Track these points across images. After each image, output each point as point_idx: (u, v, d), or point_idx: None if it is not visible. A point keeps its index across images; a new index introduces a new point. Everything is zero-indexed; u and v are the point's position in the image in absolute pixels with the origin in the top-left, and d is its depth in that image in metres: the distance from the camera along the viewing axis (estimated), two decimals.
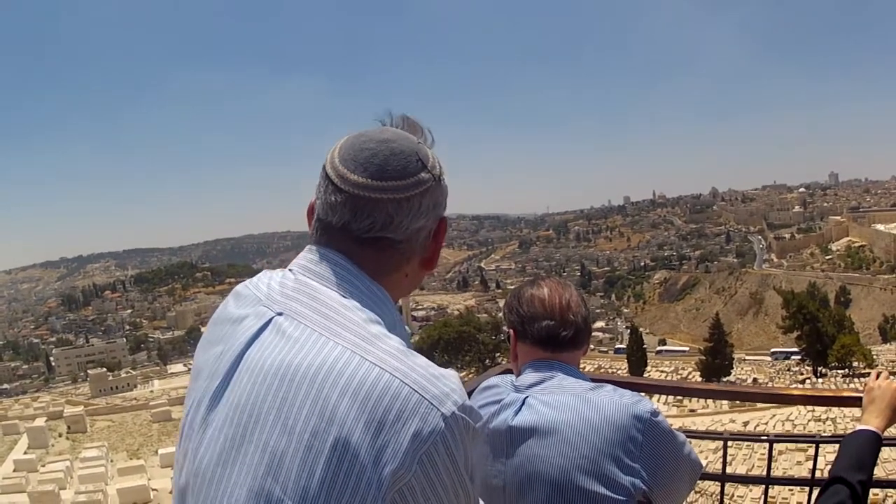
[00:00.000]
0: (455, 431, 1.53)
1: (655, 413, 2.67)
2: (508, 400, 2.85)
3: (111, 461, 46.61)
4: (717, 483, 4.05)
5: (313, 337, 1.65)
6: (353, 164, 1.83)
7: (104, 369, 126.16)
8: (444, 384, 1.56)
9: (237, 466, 1.58)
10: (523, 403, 2.78)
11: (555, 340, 2.89)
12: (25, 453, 48.63)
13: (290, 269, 1.90)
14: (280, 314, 1.72)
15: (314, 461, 1.50)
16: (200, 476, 1.65)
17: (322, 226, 1.88)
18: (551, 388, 2.79)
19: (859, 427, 3.00)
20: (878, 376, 3.20)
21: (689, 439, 2.94)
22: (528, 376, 2.87)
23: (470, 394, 3.22)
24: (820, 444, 3.84)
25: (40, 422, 56.58)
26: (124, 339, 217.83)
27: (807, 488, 3.73)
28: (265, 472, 1.54)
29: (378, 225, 1.82)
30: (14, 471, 43.47)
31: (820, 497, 2.84)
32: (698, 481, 3.13)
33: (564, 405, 2.70)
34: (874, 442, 2.92)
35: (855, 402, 3.30)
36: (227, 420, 1.64)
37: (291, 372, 1.60)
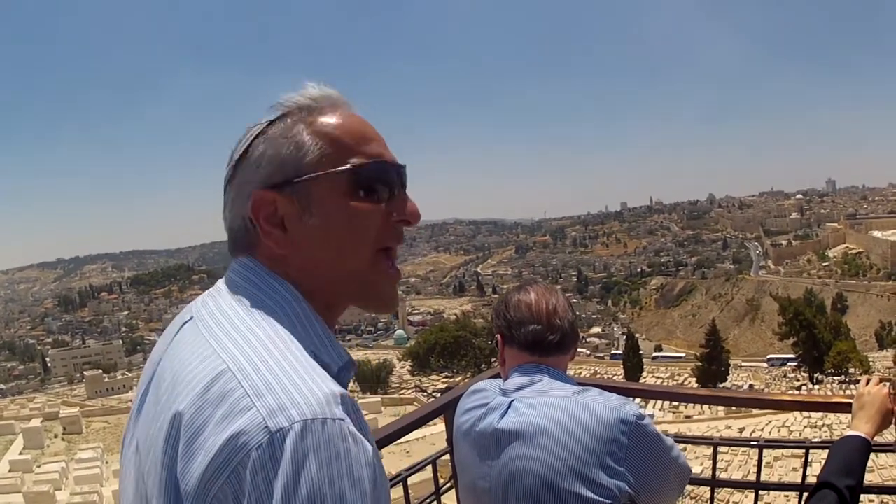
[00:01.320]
0: (281, 450, 1.29)
1: (641, 416, 2.67)
2: (495, 403, 2.87)
3: (106, 463, 46.56)
4: (709, 488, 4.07)
5: (197, 337, 1.57)
6: None
7: (100, 371, 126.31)
8: (288, 395, 1.34)
9: (130, 468, 1.61)
10: (509, 407, 2.80)
11: (541, 345, 2.91)
12: (21, 454, 48.75)
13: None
14: (190, 318, 1.67)
15: (156, 451, 1.46)
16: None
17: None
18: (538, 391, 2.81)
19: (849, 433, 3.00)
20: (867, 382, 3.21)
21: (681, 444, 2.95)
22: (515, 380, 2.89)
23: (458, 398, 3.25)
24: (811, 450, 3.84)
25: (36, 422, 56.66)
26: (120, 341, 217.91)
27: (798, 494, 3.74)
28: (136, 473, 1.56)
29: (227, 227, 1.79)
30: (9, 471, 43.61)
31: (808, 502, 2.85)
32: (690, 486, 3.13)
33: (550, 408, 2.71)
34: (863, 447, 2.91)
35: (845, 407, 3.30)
36: (140, 433, 1.61)
37: (166, 374, 1.56)
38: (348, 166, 1.69)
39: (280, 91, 1.52)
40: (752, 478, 3.87)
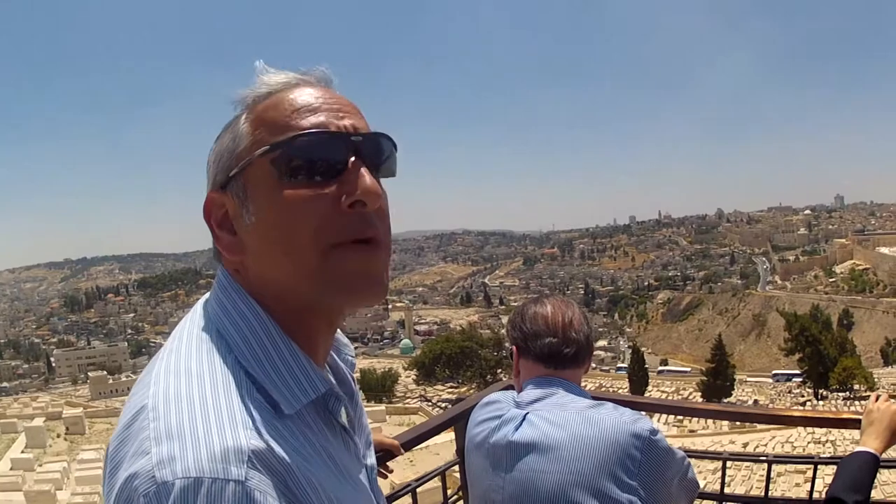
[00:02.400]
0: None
1: (654, 432, 2.68)
2: (509, 415, 2.88)
3: None
4: (716, 503, 4.06)
5: (152, 363, 1.48)
6: None
7: (104, 372, 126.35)
8: (182, 446, 1.24)
9: None
10: (524, 419, 2.81)
11: (557, 358, 2.92)
12: (23, 452, 48.62)
13: None
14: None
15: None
16: None
17: None
18: (552, 404, 2.81)
19: (858, 448, 3.00)
20: (877, 398, 3.21)
21: (689, 459, 2.95)
22: (530, 392, 2.90)
23: (470, 410, 3.25)
24: (818, 466, 3.84)
25: (39, 422, 56.53)
26: (126, 343, 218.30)
27: None
28: None
29: None
30: (11, 469, 43.50)
31: None
32: (697, 500, 3.13)
33: (564, 421, 2.72)
34: (872, 463, 2.92)
35: (854, 423, 3.31)
36: None
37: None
38: (267, 147, 1.45)
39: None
40: (757, 493, 3.88)
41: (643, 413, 2.99)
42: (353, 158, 1.47)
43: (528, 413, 2.82)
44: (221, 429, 1.27)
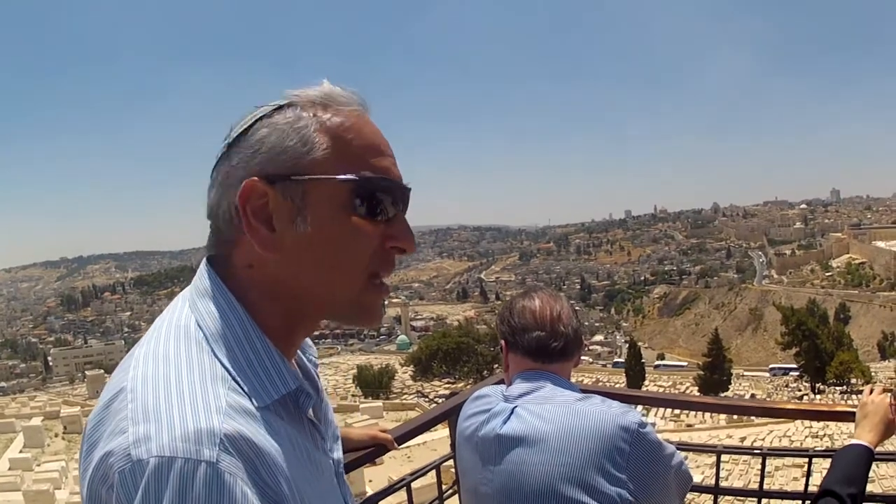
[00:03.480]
0: (135, 481, 1.24)
1: (643, 424, 2.67)
2: (497, 409, 2.88)
3: None
4: (711, 496, 4.06)
5: (133, 349, 1.51)
6: None
7: (102, 371, 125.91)
8: (158, 426, 1.27)
9: None
10: (512, 412, 2.81)
11: (545, 351, 2.92)
12: (21, 452, 48.56)
13: None
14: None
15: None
16: None
17: None
18: (540, 398, 2.82)
19: (852, 441, 3.00)
20: (871, 391, 3.21)
21: (684, 453, 2.95)
22: (518, 386, 2.90)
23: (460, 405, 3.25)
24: (813, 459, 3.84)
25: (36, 421, 56.39)
26: (123, 341, 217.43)
27: (800, 502, 3.74)
28: None
29: (208, 209, 1.62)
30: (9, 469, 43.44)
31: None
32: (692, 493, 3.13)
33: (552, 414, 2.72)
34: (866, 456, 2.92)
35: (849, 416, 3.30)
36: None
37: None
38: (353, 176, 1.52)
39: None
40: (753, 486, 3.87)
41: (633, 406, 2.99)
42: (403, 207, 1.59)
43: (516, 406, 2.82)
44: (196, 411, 1.29)
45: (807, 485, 3.72)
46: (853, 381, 79.44)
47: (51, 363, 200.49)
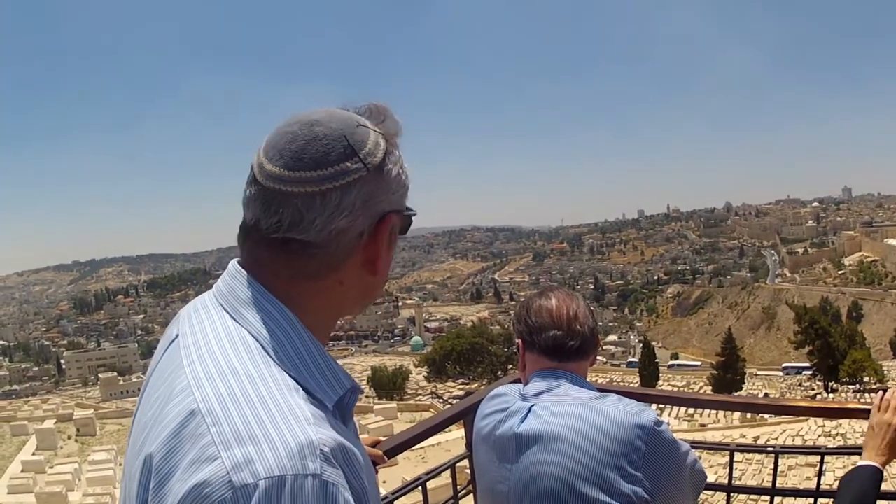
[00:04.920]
0: None
1: (659, 423, 2.67)
2: (515, 408, 2.88)
3: (120, 465, 46.45)
4: (725, 495, 4.08)
5: (177, 364, 1.49)
6: (272, 150, 1.57)
7: (115, 373, 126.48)
8: (257, 447, 1.25)
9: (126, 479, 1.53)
10: (529, 411, 2.81)
11: (561, 350, 2.92)
12: (34, 454, 48.73)
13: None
14: (176, 336, 1.59)
15: (131, 489, 1.43)
16: None
17: (241, 226, 1.64)
18: (557, 396, 2.82)
19: (860, 462, 3.00)
20: (881, 399, 3.19)
21: (698, 452, 2.97)
22: (535, 385, 2.90)
23: (478, 404, 3.27)
24: (825, 457, 3.85)
25: (49, 424, 56.57)
26: (136, 344, 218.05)
27: (813, 500, 3.75)
28: (125, 493, 1.50)
29: (285, 223, 1.54)
30: (22, 471, 43.60)
31: None
32: (706, 492, 3.14)
33: (569, 413, 2.71)
34: (875, 477, 2.92)
35: (861, 413, 3.31)
36: (126, 460, 1.59)
37: (148, 406, 1.50)
38: (409, 211, 1.66)
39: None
40: (767, 485, 3.88)
41: (648, 405, 3.00)
42: None
43: (533, 405, 2.82)
44: (290, 426, 1.29)
45: (818, 483, 3.73)
46: (866, 379, 79.25)
47: (64, 366, 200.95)
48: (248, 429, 1.28)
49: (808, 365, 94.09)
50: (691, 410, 55.58)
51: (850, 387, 79.07)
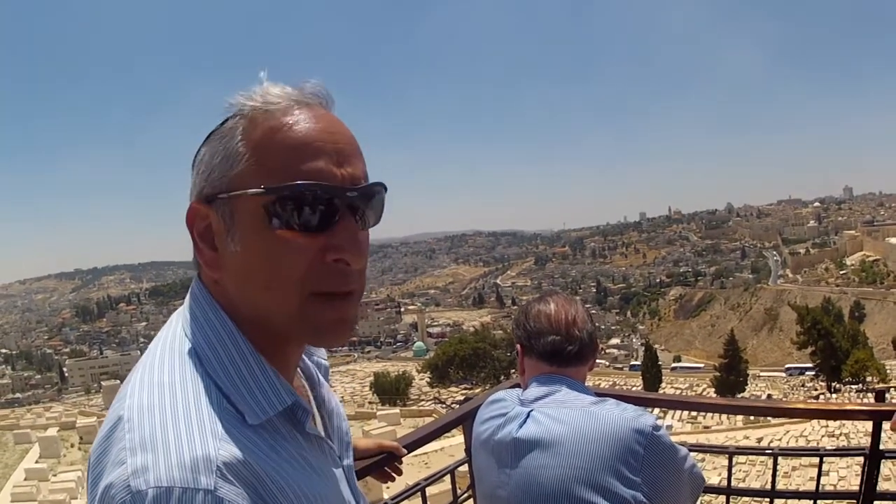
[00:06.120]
0: None
1: (657, 427, 2.68)
2: (513, 413, 2.90)
3: None
4: (724, 497, 4.09)
5: (132, 372, 1.51)
6: None
7: (118, 381, 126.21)
8: (155, 455, 1.27)
9: None
10: (528, 416, 2.82)
11: (560, 355, 2.93)
12: (37, 462, 48.69)
13: None
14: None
15: None
16: None
17: None
18: (556, 401, 2.83)
19: None
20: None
21: (699, 454, 2.98)
22: (534, 390, 2.92)
23: (477, 409, 3.28)
24: (825, 458, 3.86)
25: (52, 432, 56.60)
26: (139, 352, 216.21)
27: (813, 501, 3.76)
28: None
29: None
30: (25, 479, 43.54)
31: None
32: (706, 494, 3.15)
33: (567, 418, 2.72)
34: None
35: (860, 415, 3.32)
36: None
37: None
38: (262, 189, 1.41)
39: None
40: (769, 487, 3.89)
41: (647, 409, 3.01)
42: (345, 213, 1.46)
43: (532, 410, 2.83)
44: (191, 439, 1.29)
45: (818, 484, 3.74)
46: (869, 379, 79.18)
47: (66, 374, 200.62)
48: (153, 437, 1.28)
49: (810, 365, 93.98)
50: (694, 412, 55.70)
51: (853, 387, 78.89)
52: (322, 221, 1.44)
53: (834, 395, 76.37)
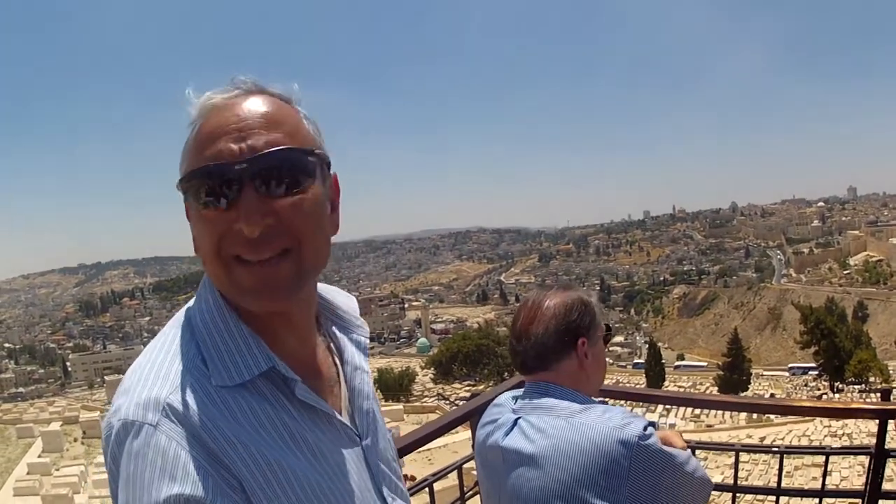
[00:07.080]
0: (109, 442, 1.53)
1: (645, 437, 2.57)
2: (502, 420, 2.89)
3: None
4: (730, 495, 4.09)
5: None
6: None
7: (121, 376, 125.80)
8: (127, 398, 1.53)
9: None
10: (514, 425, 2.81)
11: (525, 365, 2.92)
12: (40, 457, 48.67)
13: None
14: None
15: None
16: None
17: None
18: (543, 408, 2.80)
19: None
20: None
21: (704, 453, 2.97)
22: (524, 396, 2.91)
23: (484, 405, 3.28)
24: (830, 457, 3.86)
25: (55, 426, 56.56)
26: (142, 347, 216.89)
27: (818, 499, 3.76)
28: None
29: None
30: (28, 473, 43.60)
31: None
32: (712, 492, 3.13)
33: (551, 429, 2.68)
34: None
35: (864, 414, 3.32)
36: None
37: None
38: (179, 179, 1.65)
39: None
40: (773, 486, 3.89)
41: (648, 407, 3.00)
42: (246, 184, 1.57)
43: (518, 418, 2.82)
44: (154, 386, 1.53)
45: (823, 483, 3.74)
46: (872, 379, 79.16)
47: (69, 369, 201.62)
48: (129, 384, 1.57)
49: (813, 365, 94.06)
50: (697, 411, 55.78)
51: (856, 386, 78.97)
52: (223, 196, 1.58)
53: (837, 395, 76.43)
